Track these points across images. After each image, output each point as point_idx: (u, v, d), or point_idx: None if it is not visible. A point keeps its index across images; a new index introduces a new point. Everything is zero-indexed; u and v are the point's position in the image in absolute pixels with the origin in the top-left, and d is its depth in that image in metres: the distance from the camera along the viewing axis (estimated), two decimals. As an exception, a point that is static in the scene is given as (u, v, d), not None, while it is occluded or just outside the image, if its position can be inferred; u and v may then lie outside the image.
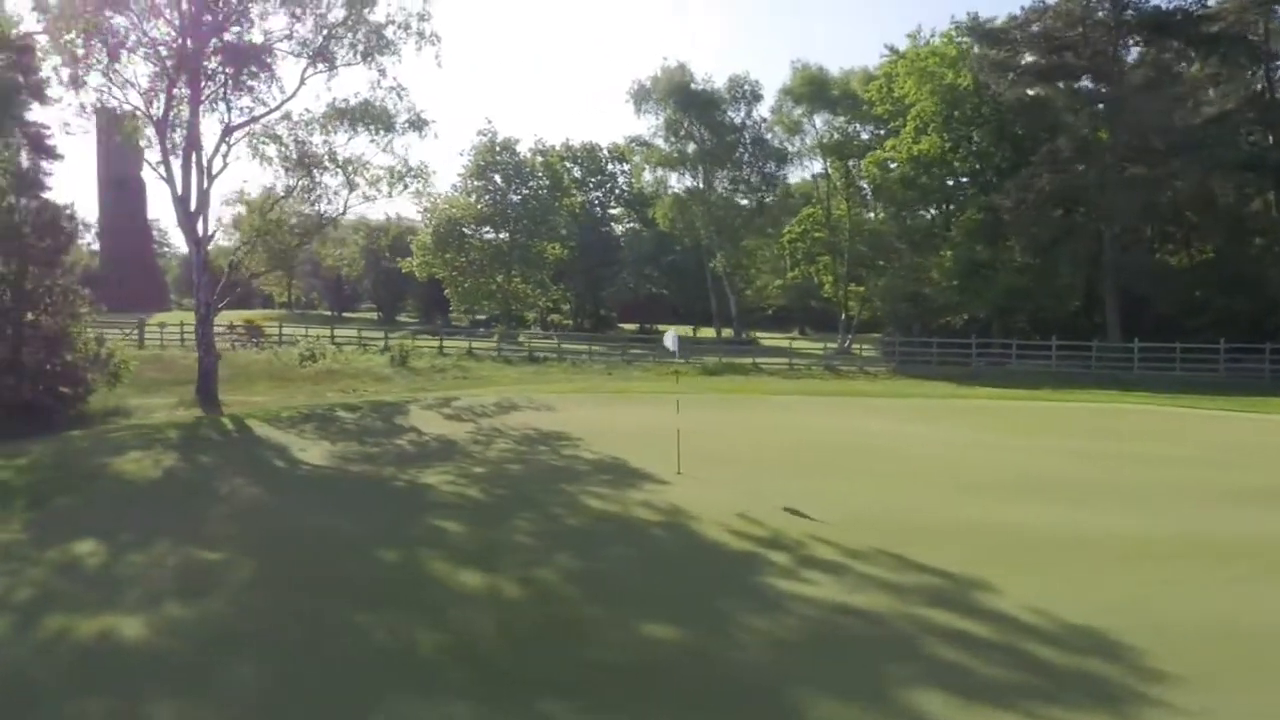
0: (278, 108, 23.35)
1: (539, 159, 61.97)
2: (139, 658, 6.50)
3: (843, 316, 52.78)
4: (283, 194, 24.65)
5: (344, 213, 25.64)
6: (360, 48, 23.03)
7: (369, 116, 23.67)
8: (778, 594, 8.04)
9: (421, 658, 6.58)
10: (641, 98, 58.09)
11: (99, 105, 23.09)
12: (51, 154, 52.90)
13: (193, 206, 22.81)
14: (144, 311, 51.95)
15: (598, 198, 74.21)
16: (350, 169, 24.12)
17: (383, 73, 23.22)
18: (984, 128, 43.29)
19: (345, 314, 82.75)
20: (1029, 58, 41.17)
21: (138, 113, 23.05)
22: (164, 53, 22.37)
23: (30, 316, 19.86)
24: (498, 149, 58.36)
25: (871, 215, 50.27)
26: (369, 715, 5.67)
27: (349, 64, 23.22)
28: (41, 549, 9.28)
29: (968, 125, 43.43)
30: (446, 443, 16.33)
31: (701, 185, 59.47)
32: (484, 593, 8.07)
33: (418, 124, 24.37)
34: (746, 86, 57.93)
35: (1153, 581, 8.44)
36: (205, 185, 22.93)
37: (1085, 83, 41.33)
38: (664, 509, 11.10)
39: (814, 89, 51.57)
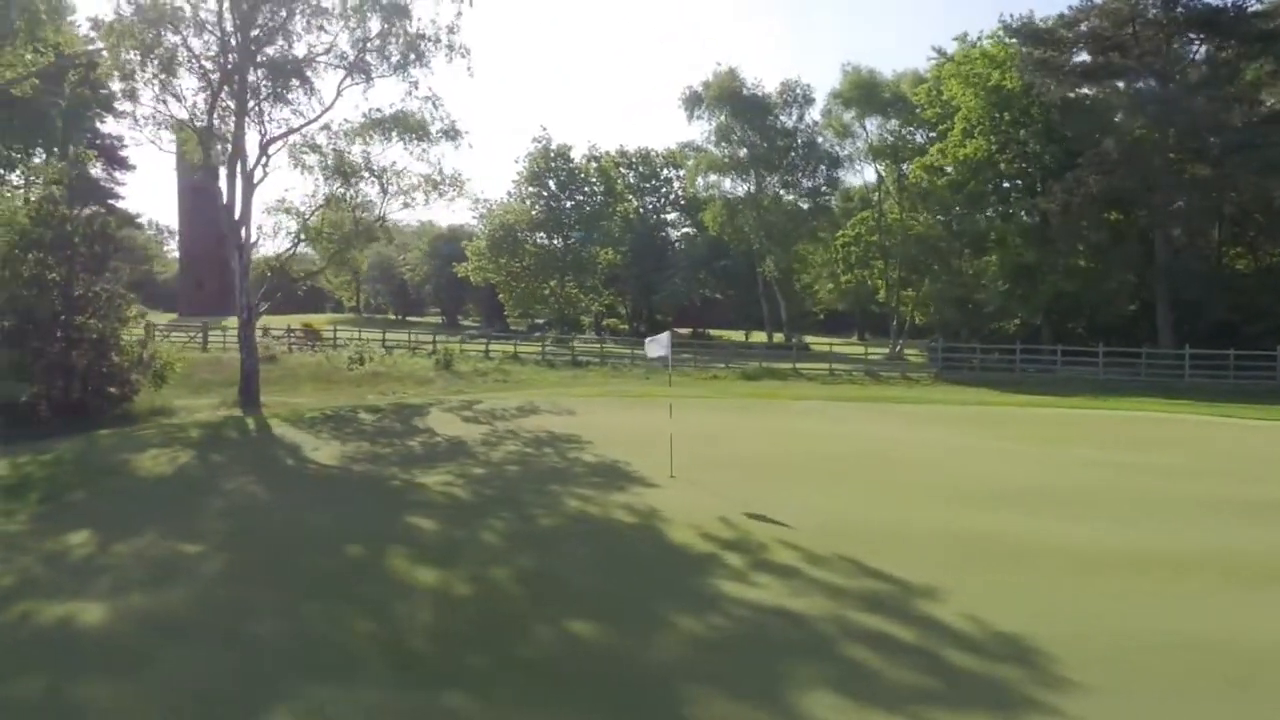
0: (316, 119, 24.26)
1: (593, 165, 62.59)
2: (89, 642, 6.93)
3: (894, 322, 52.29)
4: (323, 202, 25.47)
5: (381, 220, 26.36)
6: (394, 58, 23.73)
7: (403, 126, 24.36)
8: (718, 596, 8.16)
9: (351, 648, 6.87)
10: (693, 103, 58.22)
11: (153, 117, 24.20)
12: (124, 164, 55.69)
13: (237, 214, 23.73)
14: (219, 314, 54.00)
15: (652, 203, 74.64)
16: (385, 177, 24.86)
17: (415, 84, 23.93)
18: (1032, 129, 42.42)
19: (410, 318, 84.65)
20: (1078, 57, 40.21)
21: (185, 126, 24.14)
22: (209, 67, 23.39)
23: (79, 320, 20.92)
24: (552, 155, 59.21)
25: (921, 219, 49.62)
26: (284, 699, 5.98)
27: (383, 76, 23.98)
28: (39, 539, 9.87)
29: (1015, 127, 42.59)
30: (456, 444, 16.68)
31: (753, 190, 59.34)
32: (433, 588, 8.37)
33: (451, 134, 25.01)
34: (798, 90, 57.67)
35: (1108, 592, 8.34)
36: (248, 193, 23.85)
37: (1138, 83, 40.19)
38: (642, 512, 11.26)
39: (864, 92, 51.14)
